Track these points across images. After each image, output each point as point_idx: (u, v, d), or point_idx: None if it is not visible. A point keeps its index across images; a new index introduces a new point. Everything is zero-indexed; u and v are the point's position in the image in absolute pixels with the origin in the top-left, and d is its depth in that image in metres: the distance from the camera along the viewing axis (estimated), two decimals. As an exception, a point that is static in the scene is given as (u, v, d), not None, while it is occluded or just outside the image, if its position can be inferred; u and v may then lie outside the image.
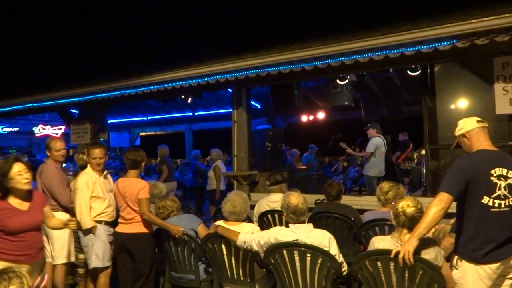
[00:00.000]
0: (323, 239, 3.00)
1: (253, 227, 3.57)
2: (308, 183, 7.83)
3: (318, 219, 4.11)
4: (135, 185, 3.79)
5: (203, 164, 9.80)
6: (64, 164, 5.40)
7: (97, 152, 4.05)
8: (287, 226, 3.18)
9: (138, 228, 3.78)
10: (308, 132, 11.89)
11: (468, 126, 2.78)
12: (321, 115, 10.85)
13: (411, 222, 2.65)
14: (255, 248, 3.15)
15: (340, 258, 3.03)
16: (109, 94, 7.05)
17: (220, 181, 7.78)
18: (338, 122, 11.54)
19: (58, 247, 4.19)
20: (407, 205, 2.69)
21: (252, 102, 8.05)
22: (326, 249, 2.96)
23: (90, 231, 3.93)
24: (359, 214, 4.28)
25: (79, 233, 4.02)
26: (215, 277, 3.59)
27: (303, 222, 3.15)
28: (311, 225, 3.17)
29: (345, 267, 3.06)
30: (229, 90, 6.95)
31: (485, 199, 2.58)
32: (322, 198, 4.90)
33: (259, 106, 11.00)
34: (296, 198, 3.12)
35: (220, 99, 10.61)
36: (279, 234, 3.07)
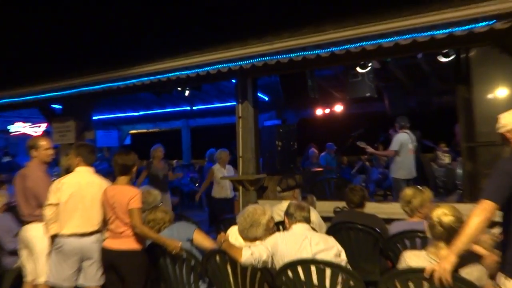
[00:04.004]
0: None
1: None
2: (325, 188, 7.77)
3: (338, 231, 4.03)
4: (125, 194, 3.75)
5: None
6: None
7: None
8: None
9: (128, 244, 3.73)
10: (323, 128, 11.83)
11: (514, 121, 2.71)
12: (338, 108, 10.81)
13: (449, 234, 2.59)
14: (264, 256, 3.15)
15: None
16: (96, 87, 7.05)
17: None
18: (358, 116, 11.47)
19: (42, 262, 4.15)
20: (443, 213, 2.63)
21: (259, 94, 8.01)
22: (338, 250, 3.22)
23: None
24: (386, 224, 4.22)
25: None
26: (218, 299, 3.55)
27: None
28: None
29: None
30: (233, 81, 6.92)
31: (536, 208, 2.51)
32: (342, 205, 4.85)
33: (266, 99, 10.97)
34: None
35: (222, 91, 10.60)
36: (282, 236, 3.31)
